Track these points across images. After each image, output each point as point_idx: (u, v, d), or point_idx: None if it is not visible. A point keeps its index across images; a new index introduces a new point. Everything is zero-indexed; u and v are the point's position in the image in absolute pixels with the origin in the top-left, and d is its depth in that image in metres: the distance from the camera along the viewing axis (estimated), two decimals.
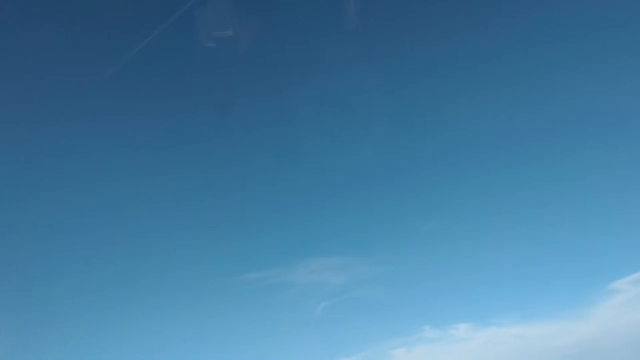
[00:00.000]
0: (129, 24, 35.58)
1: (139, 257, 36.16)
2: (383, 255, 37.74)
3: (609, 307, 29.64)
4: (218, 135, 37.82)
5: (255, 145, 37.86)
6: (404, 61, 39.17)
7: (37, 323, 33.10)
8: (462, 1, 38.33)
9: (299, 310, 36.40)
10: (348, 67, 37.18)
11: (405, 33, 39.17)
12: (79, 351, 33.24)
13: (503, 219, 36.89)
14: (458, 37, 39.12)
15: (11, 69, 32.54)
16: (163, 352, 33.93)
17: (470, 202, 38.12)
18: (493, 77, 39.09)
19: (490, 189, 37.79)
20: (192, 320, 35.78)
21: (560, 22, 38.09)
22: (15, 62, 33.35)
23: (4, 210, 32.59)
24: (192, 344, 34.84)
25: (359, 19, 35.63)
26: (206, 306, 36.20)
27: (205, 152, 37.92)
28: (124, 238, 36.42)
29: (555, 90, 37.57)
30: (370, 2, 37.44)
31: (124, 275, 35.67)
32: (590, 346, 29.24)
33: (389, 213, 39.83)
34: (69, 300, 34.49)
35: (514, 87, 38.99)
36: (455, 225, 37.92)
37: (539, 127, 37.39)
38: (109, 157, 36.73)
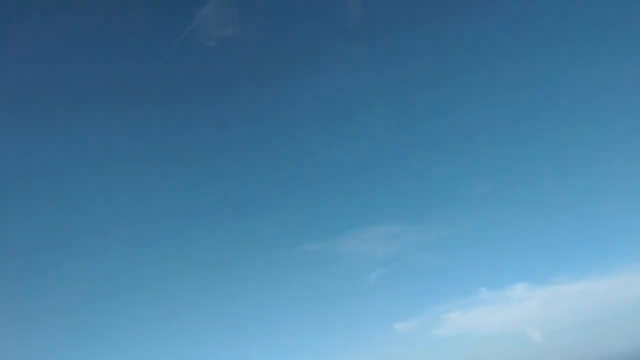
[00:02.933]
0: (130, 24, 35.89)
1: (205, 234, 37.04)
2: (433, 220, 38.44)
3: None
4: (265, 121, 38.16)
5: (303, 128, 38.21)
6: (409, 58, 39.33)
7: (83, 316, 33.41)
8: (462, 1, 38.79)
9: (353, 279, 37.33)
10: (350, 66, 37.59)
11: (405, 33, 39.58)
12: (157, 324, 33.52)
13: (556, 178, 36.94)
14: (460, 37, 39.53)
15: None
16: (226, 319, 34.55)
17: (522, 162, 38.17)
18: (499, 70, 39.22)
19: (543, 150, 37.78)
20: (252, 290, 36.64)
21: (564, 24, 38.36)
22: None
23: (7, 208, 32.85)
24: (251, 312, 35.62)
25: (360, 19, 35.95)
26: (264, 278, 37.21)
27: (253, 138, 38.37)
28: (190, 214, 37.13)
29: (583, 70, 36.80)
30: (371, 2, 37.86)
31: (193, 248, 36.48)
32: None
33: (437, 177, 40.10)
34: (144, 283, 34.83)
35: (525, 74, 39.02)
36: (506, 186, 38.10)
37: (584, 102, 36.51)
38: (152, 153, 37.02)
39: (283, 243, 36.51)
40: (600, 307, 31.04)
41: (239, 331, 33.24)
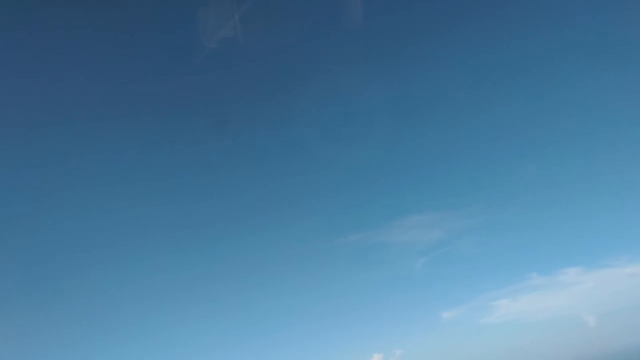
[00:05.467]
0: (131, 23, 35.89)
1: (251, 228, 37.56)
2: (477, 206, 38.04)
3: None
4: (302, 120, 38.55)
5: (343, 125, 38.28)
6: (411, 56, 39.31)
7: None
8: (462, 0, 38.78)
9: (397, 268, 37.38)
10: (352, 65, 37.71)
11: (406, 32, 39.54)
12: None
13: (606, 158, 36.03)
14: (460, 35, 39.50)
15: None
16: (271, 310, 35.18)
17: (570, 142, 37.29)
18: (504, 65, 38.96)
19: (591, 129, 36.78)
20: (297, 281, 37.11)
21: (565, 21, 38.31)
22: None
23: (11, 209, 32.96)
24: (297, 303, 36.07)
25: (361, 18, 35.94)
26: (310, 269, 37.65)
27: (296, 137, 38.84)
28: (237, 209, 37.61)
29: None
30: (372, 4, 37.84)
31: (242, 242, 37.02)
32: None
33: (479, 161, 39.36)
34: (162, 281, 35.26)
35: (527, 71, 38.74)
36: (554, 167, 37.29)
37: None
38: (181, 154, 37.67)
39: (327, 234, 37.07)
40: None
41: (285, 320, 33.84)
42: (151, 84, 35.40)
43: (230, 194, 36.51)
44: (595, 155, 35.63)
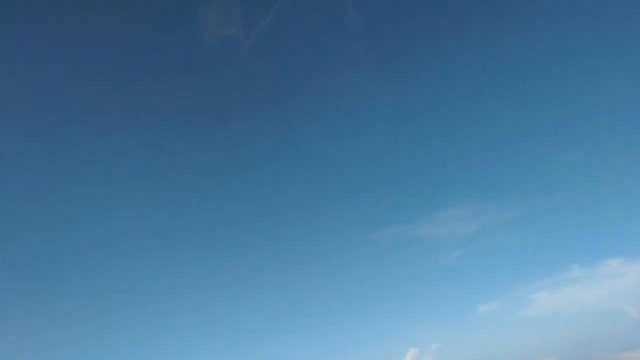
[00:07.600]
0: (131, 23, 35.31)
1: (282, 224, 35.87)
2: (515, 197, 35.95)
3: None
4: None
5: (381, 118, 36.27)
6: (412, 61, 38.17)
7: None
8: (463, 4, 37.76)
9: (434, 261, 35.53)
10: (353, 67, 36.76)
11: (407, 35, 38.69)
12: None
13: None
14: (460, 38, 38.40)
15: None
16: (307, 306, 33.52)
17: (610, 130, 34.98)
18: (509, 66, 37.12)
19: (631, 119, 34.23)
20: (332, 277, 35.62)
21: (565, 24, 36.92)
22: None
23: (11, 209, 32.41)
24: (332, 298, 34.67)
25: (362, 19, 35.29)
26: (343, 264, 36.02)
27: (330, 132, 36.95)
28: (264, 206, 35.96)
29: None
30: (373, 3, 37.12)
31: (269, 240, 35.46)
32: None
33: (517, 152, 37.21)
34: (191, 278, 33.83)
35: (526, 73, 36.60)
36: (594, 157, 35.11)
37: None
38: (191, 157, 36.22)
39: (362, 229, 35.44)
40: None
41: (321, 315, 32.89)
42: (151, 83, 34.84)
43: (259, 192, 35.67)
44: (637, 144, 34.09)
